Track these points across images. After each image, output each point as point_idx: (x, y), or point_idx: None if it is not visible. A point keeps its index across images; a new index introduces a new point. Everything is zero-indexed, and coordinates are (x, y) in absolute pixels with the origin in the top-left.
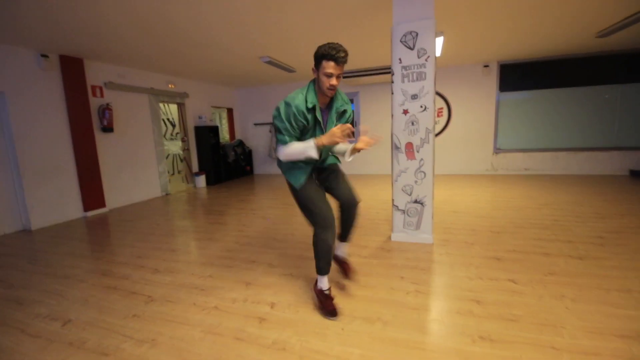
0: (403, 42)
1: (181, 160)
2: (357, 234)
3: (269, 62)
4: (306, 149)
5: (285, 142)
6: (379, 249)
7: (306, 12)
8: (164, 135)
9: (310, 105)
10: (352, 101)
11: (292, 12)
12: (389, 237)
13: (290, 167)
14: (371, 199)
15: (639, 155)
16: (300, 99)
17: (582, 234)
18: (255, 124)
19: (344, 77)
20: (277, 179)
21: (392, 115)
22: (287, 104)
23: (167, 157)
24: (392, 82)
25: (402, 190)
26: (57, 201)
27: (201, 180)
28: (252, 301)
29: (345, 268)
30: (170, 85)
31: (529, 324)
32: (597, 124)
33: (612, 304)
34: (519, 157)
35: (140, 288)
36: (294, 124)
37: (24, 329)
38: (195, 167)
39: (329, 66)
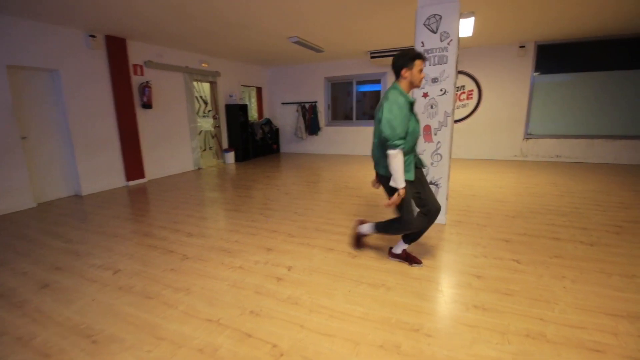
0: (427, 25)
1: (212, 137)
2: (372, 211)
3: (297, 42)
4: (401, 177)
5: (397, 146)
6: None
7: None
8: (197, 113)
9: (411, 100)
10: (379, 81)
11: None
12: None
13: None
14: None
15: None
16: (403, 93)
17: (599, 222)
18: (283, 103)
19: (373, 57)
20: (302, 157)
21: None
22: (401, 106)
23: (199, 134)
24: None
25: None
26: (104, 170)
27: (230, 157)
28: (272, 264)
29: (410, 259)
30: (203, 65)
31: (523, 298)
32: (637, 111)
33: (611, 286)
34: (551, 143)
35: (177, 248)
36: (404, 119)
37: (83, 274)
38: (225, 143)
39: (421, 63)
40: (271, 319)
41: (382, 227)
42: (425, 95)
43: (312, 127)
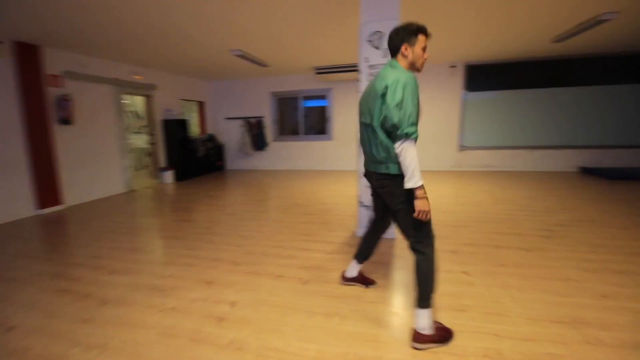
0: (370, 41)
1: (147, 155)
2: (323, 229)
3: (241, 56)
4: (418, 174)
5: (411, 135)
6: (344, 244)
7: (272, 6)
8: (129, 129)
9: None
10: (325, 97)
11: (258, 4)
12: (355, 233)
13: None
14: (339, 195)
15: (588, 154)
16: (412, 74)
17: (531, 227)
18: (227, 118)
19: (318, 73)
20: (249, 174)
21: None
22: (416, 84)
23: (131, 152)
24: (359, 80)
25: (367, 186)
26: (5, 198)
27: (169, 176)
28: (213, 300)
29: (364, 280)
30: (136, 77)
31: (476, 313)
32: (552, 124)
33: (552, 291)
34: (482, 154)
35: (94, 290)
36: (416, 102)
37: None
38: (163, 162)
39: (424, 40)
40: None
41: (421, 287)
42: None
43: (259, 143)
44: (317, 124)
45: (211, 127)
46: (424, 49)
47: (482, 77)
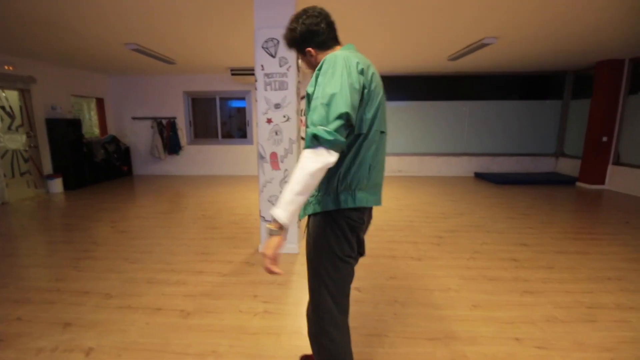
0: (265, 48)
1: (25, 160)
2: (226, 246)
3: (138, 50)
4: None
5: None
6: (243, 263)
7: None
8: None
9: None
10: (244, 98)
11: None
12: (258, 249)
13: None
14: (253, 205)
15: (481, 160)
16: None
17: (426, 234)
18: (134, 118)
19: (235, 74)
20: (161, 180)
21: (257, 124)
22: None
23: (2, 157)
24: (256, 89)
25: (268, 200)
26: None
27: (57, 185)
28: (64, 348)
29: None
30: (6, 67)
31: (360, 335)
32: (452, 133)
33: (432, 305)
34: (394, 160)
35: None
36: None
37: None
38: (48, 168)
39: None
40: None
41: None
42: (269, 121)
43: (172, 146)
44: (239, 129)
45: (114, 127)
46: None
47: (393, 87)
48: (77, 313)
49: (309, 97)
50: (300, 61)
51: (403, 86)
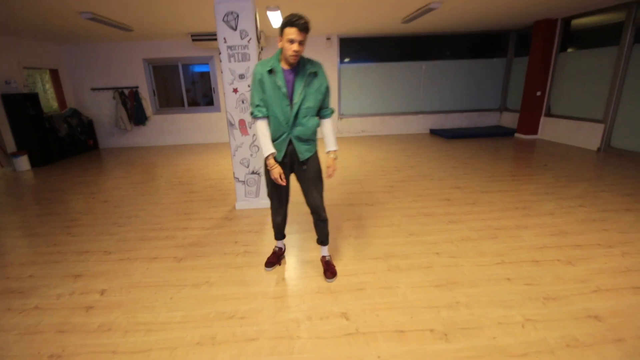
0: (225, 21)
1: None
2: (205, 206)
3: (94, 19)
4: (264, 147)
5: (253, 114)
6: (223, 218)
7: None
8: None
9: (269, 68)
10: (207, 63)
11: None
12: (235, 207)
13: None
14: (226, 169)
15: (435, 117)
16: (265, 61)
17: (380, 184)
18: (94, 89)
19: (196, 40)
20: (129, 152)
21: (224, 93)
22: (256, 73)
23: None
24: (220, 60)
25: (240, 163)
26: None
27: (23, 162)
28: (81, 292)
29: (323, 267)
30: None
31: (318, 261)
32: (409, 93)
33: (378, 236)
34: (358, 121)
35: None
36: (256, 87)
37: None
38: (11, 146)
39: (291, 32)
40: (77, 356)
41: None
42: (235, 90)
43: (138, 117)
44: (204, 96)
45: (74, 100)
46: (290, 41)
47: (353, 49)
48: (83, 267)
49: (327, 89)
50: (295, 44)
51: (362, 48)
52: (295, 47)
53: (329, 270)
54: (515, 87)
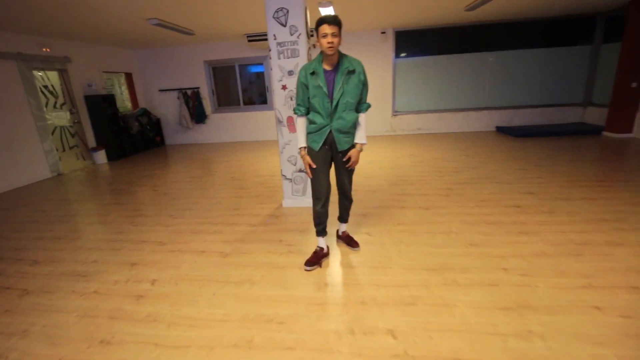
0: (276, 18)
1: (72, 135)
2: (253, 203)
3: (160, 25)
4: (298, 139)
5: (295, 111)
6: (269, 216)
7: None
8: (46, 107)
9: (311, 71)
10: (262, 64)
11: None
12: (282, 204)
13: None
14: (276, 167)
15: (502, 114)
16: (308, 65)
17: (437, 186)
18: (161, 90)
19: (253, 40)
20: (191, 148)
21: (273, 90)
22: (301, 74)
23: (53, 133)
24: (270, 58)
25: (288, 160)
26: None
27: (101, 156)
28: (134, 280)
29: (347, 242)
30: (44, 49)
31: (365, 267)
32: (472, 87)
33: (432, 244)
34: (413, 118)
35: (15, 282)
36: (300, 89)
37: None
38: (92, 141)
39: (323, 28)
40: (124, 344)
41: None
42: (284, 87)
43: (198, 115)
44: (260, 96)
45: (144, 100)
46: (324, 36)
47: (410, 43)
48: (139, 256)
49: (365, 85)
50: (328, 37)
51: (419, 41)
52: (328, 39)
53: (353, 241)
54: (604, 78)
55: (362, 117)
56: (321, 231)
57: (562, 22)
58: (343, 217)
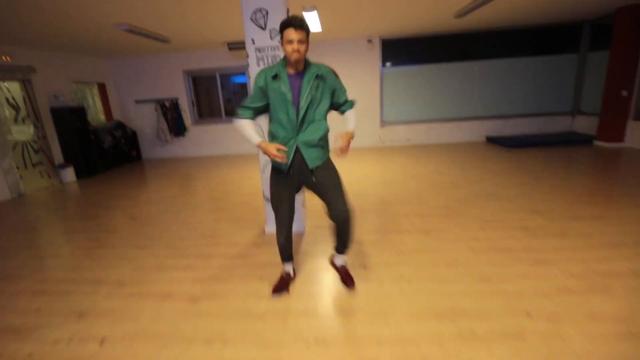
0: (254, 20)
1: (35, 151)
2: (233, 228)
3: (130, 31)
4: (251, 137)
5: (238, 114)
6: (249, 244)
7: None
8: (6, 122)
9: (273, 74)
10: (244, 73)
11: None
12: (264, 230)
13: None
14: (256, 184)
15: (492, 124)
16: (268, 68)
17: (434, 205)
18: (137, 102)
19: (234, 49)
20: (169, 163)
21: None
22: (258, 74)
23: (14, 148)
24: (248, 65)
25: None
26: None
27: (69, 174)
28: (80, 338)
29: (342, 278)
30: (3, 57)
31: (364, 315)
32: (461, 97)
33: (439, 279)
34: (402, 129)
35: None
36: (255, 94)
37: None
38: (59, 158)
39: (288, 33)
40: None
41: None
42: None
43: (177, 128)
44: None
45: (119, 112)
46: (289, 42)
47: (398, 51)
48: (91, 302)
49: (338, 88)
50: (294, 44)
51: (406, 50)
52: (294, 46)
53: (349, 279)
54: (592, 86)
55: (352, 113)
56: (287, 257)
57: (549, 30)
58: (342, 246)
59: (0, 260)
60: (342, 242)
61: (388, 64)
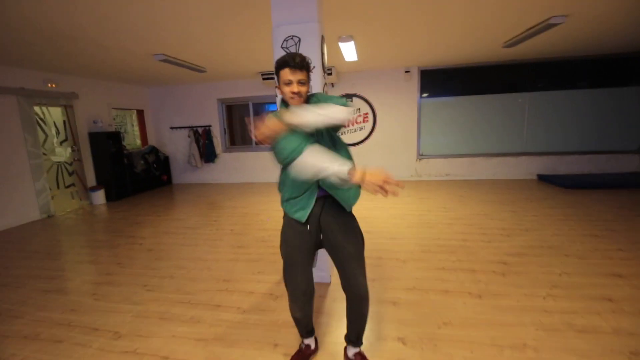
0: (285, 48)
1: (69, 174)
2: (250, 271)
3: (166, 61)
4: (328, 170)
5: (289, 159)
6: (266, 295)
7: (180, 5)
8: (43, 145)
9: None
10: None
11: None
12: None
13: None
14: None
15: (544, 160)
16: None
17: (485, 258)
18: (172, 128)
19: (266, 79)
20: (198, 188)
21: None
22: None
23: (49, 171)
24: (277, 95)
25: None
26: None
27: (99, 196)
28: None
29: None
30: (50, 85)
31: None
32: (508, 130)
33: None
34: (440, 162)
35: None
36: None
37: None
38: (92, 180)
39: (284, 74)
40: None
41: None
42: None
43: (208, 154)
44: None
45: (154, 138)
46: (287, 83)
47: (437, 82)
48: (80, 357)
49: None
50: (293, 85)
51: (449, 80)
52: (293, 88)
53: None
54: None
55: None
56: (306, 333)
57: (611, 60)
58: (356, 337)
59: (5, 292)
60: (357, 329)
61: (424, 94)
